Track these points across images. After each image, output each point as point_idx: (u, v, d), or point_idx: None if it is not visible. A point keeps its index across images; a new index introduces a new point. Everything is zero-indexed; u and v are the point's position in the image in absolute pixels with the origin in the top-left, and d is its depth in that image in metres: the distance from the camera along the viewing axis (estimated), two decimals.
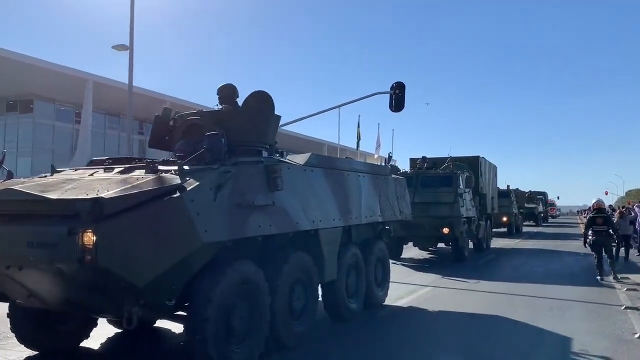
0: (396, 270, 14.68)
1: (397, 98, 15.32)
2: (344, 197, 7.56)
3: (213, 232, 4.89)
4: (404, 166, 20.58)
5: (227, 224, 5.11)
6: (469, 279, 13.09)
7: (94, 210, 4.31)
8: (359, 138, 38.88)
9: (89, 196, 4.47)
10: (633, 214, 18.78)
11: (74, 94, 41.29)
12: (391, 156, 10.85)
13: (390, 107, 15.77)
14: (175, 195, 4.63)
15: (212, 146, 5.15)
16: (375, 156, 38.17)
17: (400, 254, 17.61)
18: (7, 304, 5.88)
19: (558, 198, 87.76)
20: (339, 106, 18.71)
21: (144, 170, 5.27)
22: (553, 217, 70.17)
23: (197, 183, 4.84)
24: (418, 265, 16.14)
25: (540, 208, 47.06)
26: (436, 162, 18.67)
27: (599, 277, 13.07)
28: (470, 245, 19.26)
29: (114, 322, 7.13)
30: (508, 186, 31.58)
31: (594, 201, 14.26)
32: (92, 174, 5.43)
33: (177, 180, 4.81)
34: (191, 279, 5.05)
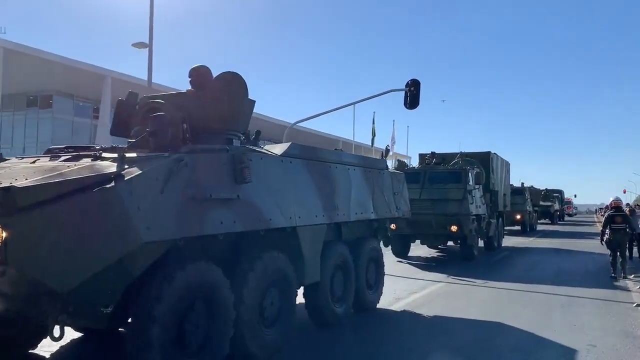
0: (402, 269, 13.88)
1: (412, 95, 15.01)
2: (330, 191, 6.77)
3: (158, 230, 4.14)
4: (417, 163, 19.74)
5: (178, 220, 4.35)
6: (476, 279, 12.26)
7: (5, 202, 3.60)
8: (373, 134, 38.45)
9: (2, 185, 3.76)
10: None
11: (93, 89, 41.33)
12: (389, 149, 10.04)
13: (405, 104, 15.44)
14: (108, 186, 3.89)
15: (157, 129, 4.39)
16: (391, 153, 37.51)
17: (408, 252, 16.78)
18: None
19: (575, 196, 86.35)
20: (353, 103, 18.46)
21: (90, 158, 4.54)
22: (570, 215, 68.60)
23: (139, 172, 4.09)
24: (425, 264, 15.28)
25: (557, 206, 45.65)
26: (445, 158, 17.75)
27: (613, 276, 12.61)
28: (481, 243, 18.37)
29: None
30: (522, 183, 30.47)
31: (611, 199, 13.62)
32: (33, 162, 4.73)
33: (113, 168, 4.08)
34: (134, 282, 4.31)
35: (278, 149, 6.19)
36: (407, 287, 11.03)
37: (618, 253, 12.69)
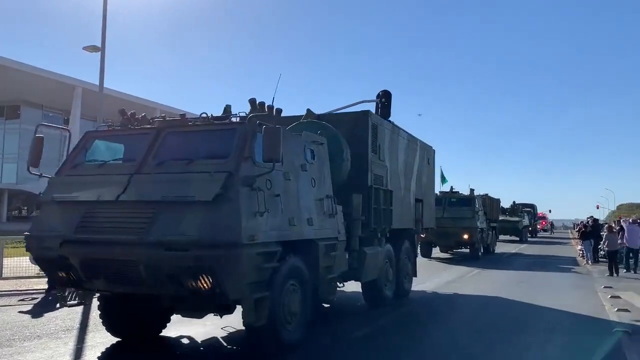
0: None
1: (383, 106, 11.03)
2: None
3: None
4: None
5: None
6: None
7: None
8: None
9: None
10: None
11: (63, 100, 37.84)
12: None
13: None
14: None
15: None
16: None
17: None
18: None
19: (550, 211, 76.34)
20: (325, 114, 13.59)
21: None
22: (545, 230, 58.37)
23: None
24: None
25: (526, 221, 35.07)
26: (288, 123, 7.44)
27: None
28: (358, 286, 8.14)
29: None
30: (472, 190, 19.96)
31: None
32: None
33: None
34: None
35: None
36: None
37: None
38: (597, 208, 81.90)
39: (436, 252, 20.26)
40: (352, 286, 8.73)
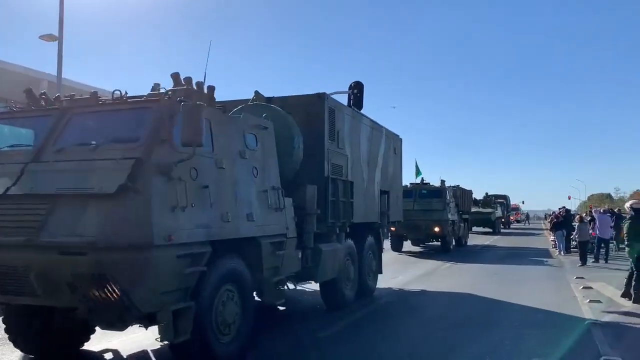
0: None
1: (356, 98, 10.37)
2: None
3: None
4: None
5: None
6: None
7: None
8: None
9: None
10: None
11: None
12: None
13: (349, 107, 10.50)
14: None
15: None
16: None
17: None
18: None
19: (523, 202, 77.00)
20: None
21: None
22: (518, 221, 58.90)
23: None
24: None
25: (499, 213, 34.80)
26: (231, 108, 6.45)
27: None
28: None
29: None
30: (443, 181, 19.31)
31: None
32: None
33: None
34: None
35: None
36: None
37: None
38: (569, 199, 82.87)
39: (407, 245, 19.62)
40: (314, 284, 7.99)
